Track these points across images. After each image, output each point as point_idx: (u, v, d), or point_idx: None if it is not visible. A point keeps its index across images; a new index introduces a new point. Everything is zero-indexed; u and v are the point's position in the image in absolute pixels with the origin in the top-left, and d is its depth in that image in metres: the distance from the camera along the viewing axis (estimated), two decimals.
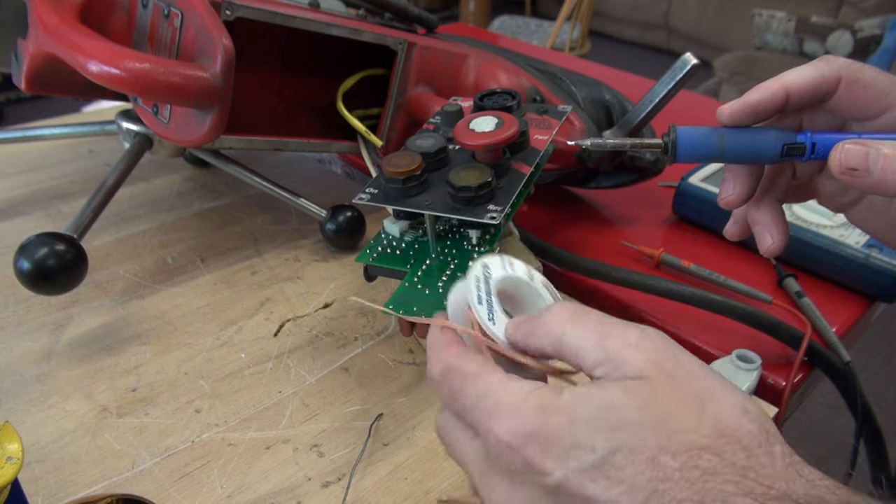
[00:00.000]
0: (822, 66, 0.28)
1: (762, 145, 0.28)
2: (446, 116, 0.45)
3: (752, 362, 0.43)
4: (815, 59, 0.29)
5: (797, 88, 0.28)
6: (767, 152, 0.28)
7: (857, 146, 0.25)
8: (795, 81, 0.28)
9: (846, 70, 0.27)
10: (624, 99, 0.58)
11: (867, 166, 0.25)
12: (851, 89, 0.27)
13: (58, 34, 0.40)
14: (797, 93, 0.28)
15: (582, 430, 0.20)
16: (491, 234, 0.40)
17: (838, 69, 0.27)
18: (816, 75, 0.28)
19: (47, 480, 0.36)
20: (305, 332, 0.47)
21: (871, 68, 0.28)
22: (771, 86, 0.28)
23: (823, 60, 0.28)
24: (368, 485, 0.36)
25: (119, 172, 0.52)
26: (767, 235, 0.31)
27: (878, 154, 0.25)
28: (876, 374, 1.58)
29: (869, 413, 0.46)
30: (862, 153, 0.25)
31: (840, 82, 0.28)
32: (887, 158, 0.25)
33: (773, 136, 0.28)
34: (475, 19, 3.68)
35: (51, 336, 0.46)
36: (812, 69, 0.28)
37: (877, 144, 0.25)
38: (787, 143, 0.27)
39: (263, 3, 0.46)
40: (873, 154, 0.25)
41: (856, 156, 0.25)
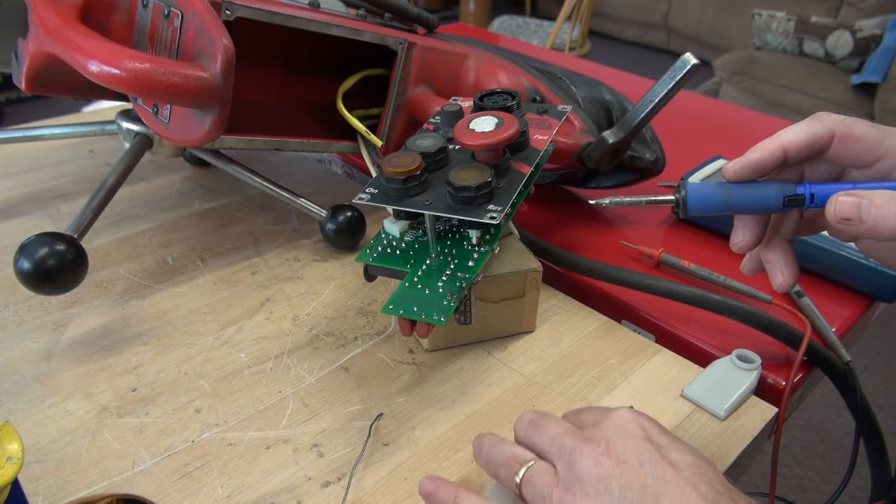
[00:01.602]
0: (816, 124, 0.30)
1: (765, 198, 0.30)
2: (446, 116, 0.45)
3: (751, 362, 0.43)
4: (809, 117, 0.30)
5: (793, 146, 0.30)
6: (770, 204, 0.30)
7: (850, 198, 0.28)
8: (791, 140, 0.30)
9: (838, 127, 0.29)
10: (624, 99, 0.58)
11: (860, 216, 0.27)
12: (845, 143, 0.30)
13: (58, 34, 0.40)
14: (794, 150, 0.30)
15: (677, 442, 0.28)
16: (491, 234, 0.40)
17: (831, 126, 0.30)
18: (810, 134, 0.30)
19: (47, 480, 0.36)
20: (305, 332, 0.47)
21: (863, 123, 0.30)
22: (769, 145, 0.30)
23: (816, 119, 0.30)
24: (368, 485, 0.36)
25: (119, 172, 0.52)
26: (778, 273, 0.34)
27: (871, 204, 0.27)
28: (876, 374, 1.58)
29: (869, 413, 0.46)
30: (855, 204, 0.28)
31: (833, 138, 0.30)
32: (878, 208, 0.27)
33: (774, 190, 0.30)
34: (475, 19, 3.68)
35: (51, 336, 0.46)
36: (806, 128, 0.30)
37: (869, 195, 0.28)
38: (788, 196, 0.29)
39: (263, 3, 0.46)
40: (865, 205, 0.27)
41: (849, 207, 0.28)
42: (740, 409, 0.41)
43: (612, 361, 0.45)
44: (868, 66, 2.34)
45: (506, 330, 0.47)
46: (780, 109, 2.47)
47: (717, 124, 0.84)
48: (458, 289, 0.37)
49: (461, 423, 0.40)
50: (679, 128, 0.78)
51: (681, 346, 0.48)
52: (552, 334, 0.47)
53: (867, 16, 2.64)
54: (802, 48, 2.53)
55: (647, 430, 0.28)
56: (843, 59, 2.45)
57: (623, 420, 0.28)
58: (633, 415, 0.28)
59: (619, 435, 0.27)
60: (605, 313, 0.50)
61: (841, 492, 0.44)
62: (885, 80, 2.28)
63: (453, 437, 0.39)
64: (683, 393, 0.42)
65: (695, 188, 0.31)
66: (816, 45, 2.49)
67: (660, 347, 0.47)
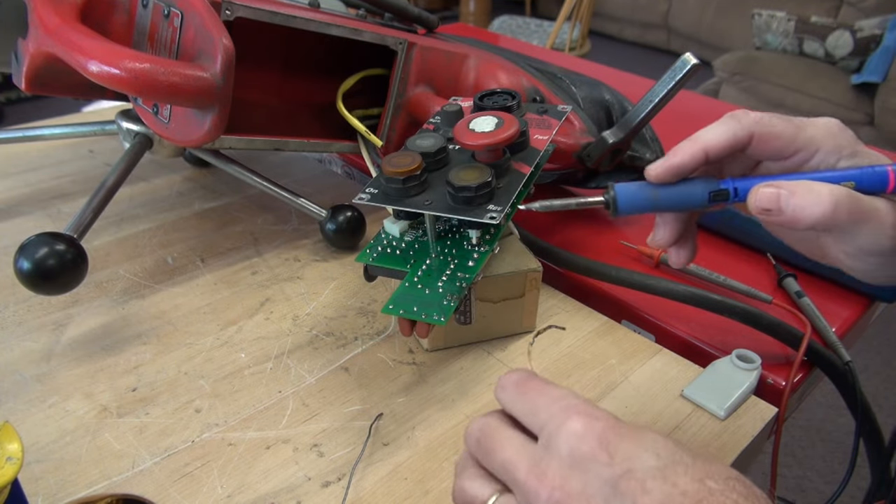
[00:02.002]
0: (735, 125, 0.31)
1: (691, 196, 0.31)
2: (446, 116, 0.45)
3: (752, 362, 0.43)
4: (725, 116, 0.31)
5: (714, 148, 0.31)
6: (696, 201, 0.31)
7: (770, 189, 0.29)
8: (712, 142, 0.31)
9: (757, 127, 0.30)
10: (624, 99, 0.58)
11: (779, 206, 0.29)
12: (764, 141, 0.31)
13: (58, 34, 0.40)
14: (715, 151, 0.31)
15: (647, 439, 0.24)
16: (491, 234, 0.40)
17: (750, 126, 0.30)
18: (730, 135, 0.31)
19: (47, 480, 0.36)
20: (305, 332, 0.47)
21: (779, 119, 0.31)
22: (690, 149, 0.31)
23: (734, 118, 0.31)
24: (368, 485, 0.36)
25: (119, 172, 0.52)
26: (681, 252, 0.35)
27: (790, 195, 0.29)
28: (876, 374, 1.58)
29: (869, 413, 0.46)
30: (774, 195, 0.29)
31: (752, 138, 0.31)
32: (797, 198, 0.28)
33: (699, 187, 0.31)
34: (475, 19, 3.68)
35: (51, 336, 0.46)
36: (725, 129, 0.31)
37: (789, 185, 0.29)
38: (713, 192, 0.31)
39: (263, 3, 0.46)
40: (784, 195, 0.29)
41: (769, 198, 0.29)
42: (740, 409, 0.41)
43: (612, 361, 0.45)
44: (868, 66, 2.34)
45: (506, 330, 0.47)
46: (780, 109, 2.47)
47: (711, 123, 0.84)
48: (458, 289, 0.37)
49: (461, 423, 0.40)
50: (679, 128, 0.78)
51: (681, 346, 0.48)
52: (552, 334, 0.47)
53: (867, 16, 2.64)
54: (802, 48, 2.53)
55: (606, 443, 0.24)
56: (843, 59, 2.45)
57: (577, 440, 0.24)
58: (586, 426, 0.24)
59: (576, 467, 0.24)
60: (605, 313, 0.50)
61: (841, 492, 0.44)
62: (885, 80, 2.28)
63: (453, 437, 0.39)
64: (683, 393, 0.42)
65: (623, 188, 0.32)
66: (816, 45, 2.49)
67: (660, 347, 0.47)
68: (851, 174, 0.30)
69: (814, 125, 0.31)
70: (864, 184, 0.29)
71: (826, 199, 0.28)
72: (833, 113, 2.40)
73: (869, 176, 0.29)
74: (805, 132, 0.31)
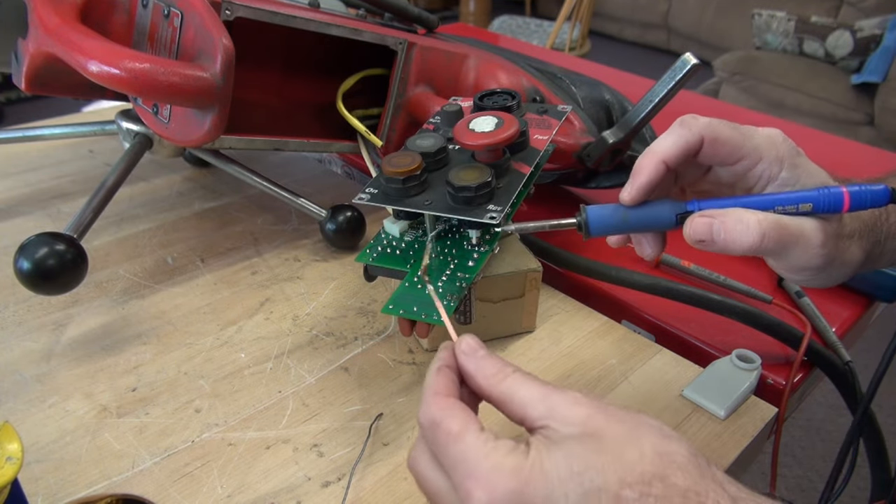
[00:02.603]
0: (685, 132, 0.32)
1: (659, 217, 0.32)
2: (446, 116, 0.45)
3: (752, 362, 0.43)
4: (675, 124, 0.33)
5: (671, 157, 0.32)
6: (664, 222, 0.33)
7: (703, 219, 0.31)
8: (668, 151, 0.32)
9: (706, 131, 0.32)
10: (624, 99, 0.58)
11: (712, 237, 0.30)
12: (712, 146, 0.32)
13: (58, 34, 0.40)
14: (671, 159, 0.32)
15: (554, 482, 0.23)
16: (491, 234, 0.40)
17: (700, 131, 0.32)
18: (683, 142, 0.32)
19: (47, 480, 0.36)
20: (305, 332, 0.47)
21: (726, 126, 0.32)
22: (650, 163, 0.32)
23: (684, 125, 0.32)
24: (368, 485, 0.36)
25: (119, 172, 0.52)
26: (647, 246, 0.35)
27: (721, 226, 0.30)
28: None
29: (869, 413, 0.46)
30: (707, 225, 0.30)
31: (703, 143, 0.32)
32: (727, 230, 0.30)
33: (667, 208, 0.32)
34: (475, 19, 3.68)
35: (51, 336, 0.46)
36: (677, 136, 0.32)
37: (721, 215, 0.30)
38: (679, 214, 0.32)
39: (263, 3, 0.46)
40: (717, 226, 0.30)
41: (702, 228, 0.31)
42: (740, 409, 0.41)
43: (612, 361, 0.45)
44: (868, 66, 2.34)
45: (506, 330, 0.47)
46: (780, 109, 2.47)
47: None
48: (458, 289, 0.37)
49: None
50: None
51: (681, 346, 0.48)
52: (552, 334, 0.47)
53: (867, 16, 2.64)
54: (802, 48, 2.53)
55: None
56: (843, 59, 2.45)
57: None
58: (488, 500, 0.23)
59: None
60: (605, 313, 0.50)
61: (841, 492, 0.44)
62: (885, 80, 2.28)
63: None
64: (683, 393, 0.42)
65: (594, 211, 0.33)
66: (816, 45, 2.48)
67: (660, 347, 0.47)
68: (809, 196, 0.31)
69: (759, 135, 0.32)
70: (821, 205, 0.31)
71: (754, 229, 0.30)
72: (833, 113, 2.40)
73: (825, 198, 0.31)
74: (751, 141, 0.32)
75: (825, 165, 0.34)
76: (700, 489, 0.23)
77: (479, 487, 0.23)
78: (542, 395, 0.25)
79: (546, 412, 0.25)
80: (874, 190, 0.30)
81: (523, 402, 0.26)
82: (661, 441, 0.24)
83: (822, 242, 0.31)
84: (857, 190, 0.30)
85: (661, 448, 0.24)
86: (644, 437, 0.24)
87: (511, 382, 0.26)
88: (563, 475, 0.23)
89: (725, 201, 0.32)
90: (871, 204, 0.30)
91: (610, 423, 0.24)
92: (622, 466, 0.23)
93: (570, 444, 0.24)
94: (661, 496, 0.23)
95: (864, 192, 0.30)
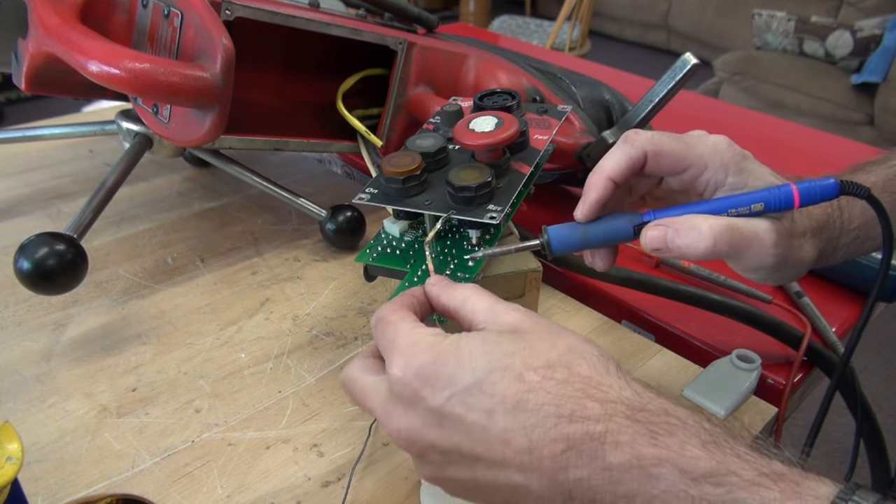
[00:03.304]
0: (629, 148, 0.33)
1: (617, 231, 0.34)
2: (446, 116, 0.45)
3: (751, 362, 0.43)
4: (619, 140, 0.34)
5: (618, 174, 0.33)
6: (623, 235, 0.34)
7: (656, 230, 0.32)
8: (614, 168, 0.33)
9: (648, 146, 0.33)
10: (624, 99, 0.58)
11: (667, 246, 0.31)
12: (656, 159, 0.33)
13: (58, 34, 0.40)
14: (619, 177, 0.33)
15: (465, 357, 0.26)
16: (491, 234, 0.40)
17: (642, 147, 0.33)
18: (627, 158, 0.33)
19: (47, 480, 0.36)
20: (305, 332, 0.47)
21: (669, 138, 0.33)
22: (598, 180, 0.33)
23: (627, 141, 0.33)
24: (368, 485, 0.36)
25: (119, 172, 0.52)
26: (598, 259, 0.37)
27: (675, 235, 0.31)
28: (876, 374, 1.58)
29: (869, 413, 0.46)
30: (661, 235, 0.32)
31: (647, 157, 0.33)
32: (681, 237, 0.31)
33: (624, 221, 0.33)
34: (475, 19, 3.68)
35: (51, 336, 0.46)
36: (621, 153, 0.33)
37: (674, 224, 0.31)
38: (636, 226, 0.33)
39: (263, 3, 0.46)
40: (671, 235, 0.31)
41: (657, 238, 0.32)
42: (740, 409, 0.41)
43: None
44: (868, 66, 2.34)
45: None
46: (780, 109, 2.47)
47: (717, 124, 0.84)
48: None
49: None
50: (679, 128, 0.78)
51: (681, 346, 0.48)
52: None
53: (867, 16, 2.64)
54: (802, 48, 2.53)
55: (425, 377, 0.26)
56: (843, 59, 2.45)
57: (399, 385, 0.27)
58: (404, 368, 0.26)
59: (408, 406, 0.27)
60: (605, 313, 0.50)
61: None
62: (885, 80, 2.28)
63: None
64: (683, 393, 0.42)
65: (555, 231, 0.34)
66: (816, 45, 2.49)
67: (660, 347, 0.47)
68: (760, 196, 0.32)
69: (704, 144, 0.33)
70: (773, 203, 0.31)
71: (706, 235, 0.31)
72: (833, 113, 2.40)
73: (776, 196, 0.31)
74: (694, 151, 0.33)
75: (825, 165, 0.34)
76: (604, 380, 0.25)
77: (398, 358, 0.27)
78: (489, 304, 0.29)
79: (487, 317, 0.28)
80: (823, 185, 0.31)
81: (473, 308, 0.29)
82: (575, 342, 0.27)
83: (774, 242, 0.32)
84: (807, 186, 0.31)
85: (572, 345, 0.26)
86: (560, 337, 0.27)
87: (465, 292, 0.30)
88: (474, 353, 0.26)
89: (680, 209, 0.33)
90: (821, 198, 0.31)
91: (535, 326, 0.27)
92: (531, 353, 0.26)
93: (489, 335, 0.27)
94: (563, 380, 0.25)
95: (813, 187, 0.31)
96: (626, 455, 0.23)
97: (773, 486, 0.22)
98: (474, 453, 0.25)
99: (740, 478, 0.22)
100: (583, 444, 0.24)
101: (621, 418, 0.24)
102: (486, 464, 0.25)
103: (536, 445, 0.24)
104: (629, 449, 0.23)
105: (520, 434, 0.24)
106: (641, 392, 0.25)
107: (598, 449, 0.24)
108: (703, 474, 0.22)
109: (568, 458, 0.24)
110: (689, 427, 0.24)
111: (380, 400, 0.28)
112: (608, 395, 0.25)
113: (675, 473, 0.23)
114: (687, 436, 0.23)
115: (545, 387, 0.25)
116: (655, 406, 0.25)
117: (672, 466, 0.23)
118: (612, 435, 0.24)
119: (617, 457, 0.23)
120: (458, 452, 0.26)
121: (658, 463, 0.23)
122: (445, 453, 0.26)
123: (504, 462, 0.25)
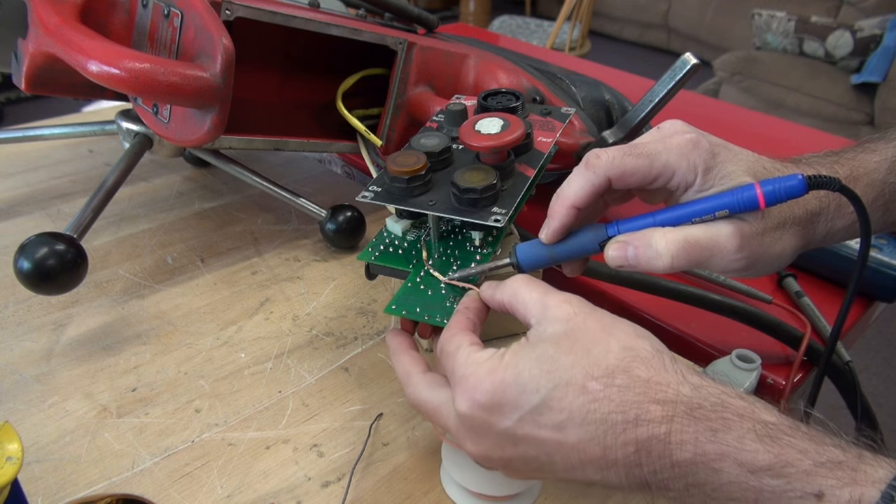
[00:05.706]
0: (590, 175, 0.33)
1: (583, 247, 0.34)
2: (450, 116, 0.45)
3: (751, 362, 0.43)
4: (580, 166, 0.34)
5: (581, 201, 0.33)
6: (589, 250, 0.34)
7: (616, 250, 0.32)
8: (576, 196, 0.33)
9: (610, 170, 0.33)
10: (624, 99, 0.58)
11: (628, 262, 0.32)
12: (621, 180, 0.33)
13: (58, 34, 0.40)
14: (583, 202, 0.33)
15: (526, 379, 0.27)
16: (494, 235, 0.40)
17: (603, 171, 0.33)
18: (588, 185, 0.33)
19: (47, 480, 0.36)
20: (305, 332, 0.47)
21: (632, 156, 0.33)
22: (561, 209, 0.33)
23: (588, 167, 0.33)
24: (368, 485, 0.36)
25: (119, 172, 0.52)
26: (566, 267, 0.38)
27: (635, 252, 0.32)
28: (876, 374, 1.58)
29: (869, 413, 0.46)
30: (622, 253, 0.32)
31: (610, 180, 0.33)
32: (638, 252, 0.32)
33: (589, 237, 0.34)
34: (475, 19, 3.68)
35: (51, 336, 0.46)
36: (583, 180, 0.33)
37: (634, 240, 0.32)
38: (601, 241, 0.33)
39: (263, 3, 0.46)
40: (631, 252, 0.32)
41: (619, 256, 0.32)
42: None
43: None
44: (868, 66, 2.34)
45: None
46: (780, 109, 2.47)
47: (717, 124, 0.84)
48: (461, 290, 0.37)
49: None
50: None
51: (681, 346, 0.48)
52: None
53: (867, 16, 2.64)
54: (802, 48, 2.53)
55: (490, 408, 0.27)
56: (843, 58, 2.45)
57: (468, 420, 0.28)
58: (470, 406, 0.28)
59: (480, 435, 0.28)
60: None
61: None
62: (885, 80, 2.28)
63: None
64: None
65: (523, 249, 0.35)
66: (816, 45, 2.48)
67: None
68: (723, 202, 0.31)
69: (667, 150, 0.33)
70: (737, 208, 0.31)
71: (663, 254, 0.31)
72: (833, 113, 2.40)
73: (740, 201, 0.31)
74: (659, 160, 0.33)
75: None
76: (661, 379, 0.26)
77: (461, 394, 0.28)
78: (539, 296, 0.30)
79: (540, 313, 0.29)
80: (789, 185, 0.30)
81: (525, 301, 0.30)
82: (628, 338, 0.27)
83: (737, 248, 0.31)
84: (771, 189, 0.30)
85: (626, 343, 0.27)
86: (613, 336, 0.28)
87: (514, 285, 0.31)
88: (534, 373, 0.27)
89: (643, 220, 0.33)
90: (787, 197, 0.30)
91: (587, 322, 0.28)
92: (589, 362, 0.27)
93: (544, 346, 0.27)
94: (624, 386, 0.26)
95: (778, 188, 0.30)
96: (690, 453, 0.25)
97: (830, 475, 0.23)
98: (552, 461, 0.27)
99: (797, 469, 0.23)
100: (650, 445, 0.25)
101: (682, 418, 0.25)
102: (564, 468, 0.27)
103: (610, 450, 0.26)
104: (692, 447, 0.25)
105: (593, 443, 0.26)
106: (699, 386, 0.26)
107: (664, 449, 0.25)
108: (761, 467, 0.24)
109: (639, 457, 0.26)
110: (746, 420, 0.25)
111: (453, 422, 0.29)
112: (668, 395, 0.26)
113: (736, 467, 0.24)
114: (744, 430, 0.24)
115: (609, 395, 0.26)
116: (712, 401, 0.25)
117: (732, 461, 0.24)
118: (676, 435, 0.25)
119: (682, 454, 0.25)
120: (536, 462, 0.28)
121: (719, 458, 0.24)
122: (525, 463, 0.28)
123: (581, 465, 0.27)
